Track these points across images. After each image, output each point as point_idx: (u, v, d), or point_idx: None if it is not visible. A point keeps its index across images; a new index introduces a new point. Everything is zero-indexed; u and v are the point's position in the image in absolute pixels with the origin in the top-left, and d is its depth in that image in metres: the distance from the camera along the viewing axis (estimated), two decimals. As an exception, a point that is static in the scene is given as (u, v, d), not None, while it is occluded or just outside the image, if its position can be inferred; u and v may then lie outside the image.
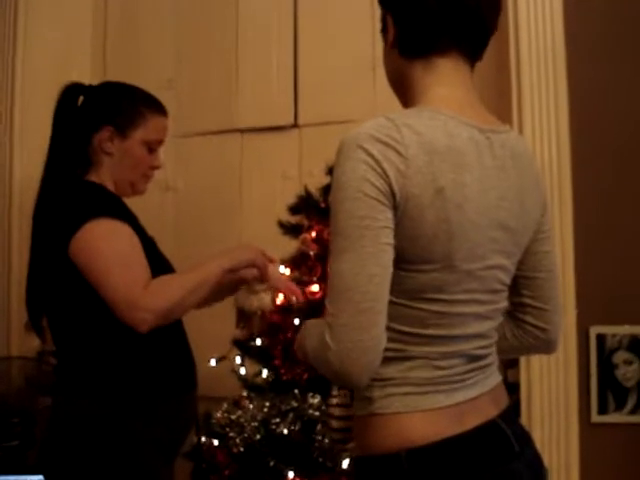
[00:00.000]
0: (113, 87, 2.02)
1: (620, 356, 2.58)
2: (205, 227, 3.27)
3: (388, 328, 1.23)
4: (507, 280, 1.37)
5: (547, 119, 2.62)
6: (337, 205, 1.21)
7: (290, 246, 2.72)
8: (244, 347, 2.56)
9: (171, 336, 1.94)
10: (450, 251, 1.23)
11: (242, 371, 2.58)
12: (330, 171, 2.59)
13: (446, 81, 1.34)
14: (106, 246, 1.78)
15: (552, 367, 2.60)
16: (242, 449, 2.35)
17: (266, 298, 1.95)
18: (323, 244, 2.50)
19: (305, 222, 2.60)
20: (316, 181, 2.72)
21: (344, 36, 3.16)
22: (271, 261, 1.98)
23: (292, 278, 2.39)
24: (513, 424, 1.36)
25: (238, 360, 2.62)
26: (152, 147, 1.99)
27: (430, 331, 1.27)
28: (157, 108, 2.00)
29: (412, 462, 1.23)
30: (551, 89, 2.63)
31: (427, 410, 1.26)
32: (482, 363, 1.35)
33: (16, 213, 3.19)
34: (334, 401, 1.98)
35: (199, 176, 3.30)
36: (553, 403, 2.58)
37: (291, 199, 2.99)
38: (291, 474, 2.23)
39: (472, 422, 1.28)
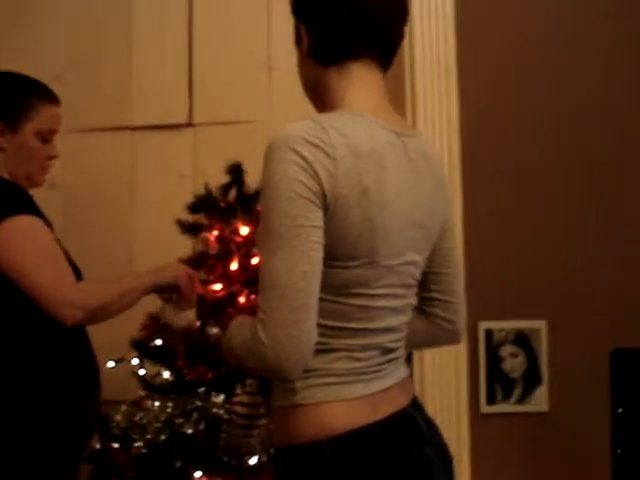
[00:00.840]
0: (0, 78, 1.97)
1: (506, 349, 2.73)
2: (93, 226, 3.20)
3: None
4: (418, 276, 1.45)
5: (439, 124, 2.74)
6: (269, 204, 1.24)
7: (186, 246, 2.71)
8: (143, 348, 2.52)
9: (75, 340, 1.93)
10: (373, 248, 1.29)
11: (141, 372, 2.54)
12: (231, 170, 2.61)
13: (361, 85, 1.40)
14: (29, 243, 1.77)
15: (444, 361, 2.71)
16: (145, 450, 2.31)
17: (190, 314, 2.11)
18: (224, 243, 2.51)
19: (205, 221, 2.59)
20: (211, 180, 2.72)
21: (240, 36, 3.18)
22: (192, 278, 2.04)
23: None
24: (421, 412, 1.44)
25: (135, 361, 2.58)
26: (46, 138, 1.96)
27: (352, 324, 1.33)
28: (48, 97, 1.97)
29: (334, 450, 1.28)
30: (443, 93, 2.75)
31: (346, 399, 1.32)
32: (394, 355, 1.42)
33: None
34: (241, 391, 2.08)
35: (88, 174, 3.23)
36: (445, 395, 2.70)
37: (186, 198, 2.97)
38: (198, 474, 2.23)
39: (385, 411, 1.34)
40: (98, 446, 2.39)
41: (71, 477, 1.94)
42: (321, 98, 1.43)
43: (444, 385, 2.69)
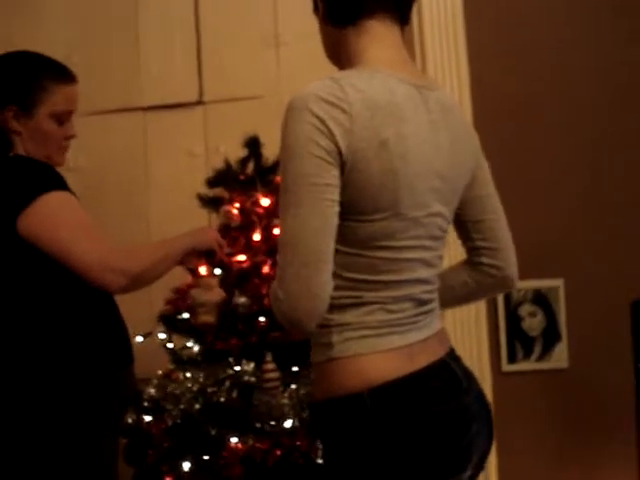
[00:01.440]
0: (12, 60, 1.94)
1: (525, 309, 2.78)
2: (110, 207, 3.21)
3: (343, 277, 1.33)
4: (445, 227, 1.46)
5: (449, 72, 2.79)
6: (285, 164, 1.29)
7: (202, 223, 2.74)
8: (171, 322, 2.56)
9: (108, 313, 1.95)
10: (397, 200, 1.32)
11: (169, 346, 2.58)
12: (248, 144, 2.64)
13: (378, 42, 1.43)
14: (66, 217, 1.80)
15: (464, 322, 2.77)
16: (179, 421, 2.35)
17: (220, 290, 2.06)
18: (246, 215, 2.54)
19: (225, 195, 2.62)
20: (223, 157, 2.75)
21: (247, 13, 3.19)
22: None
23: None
24: (459, 363, 1.47)
25: (162, 336, 2.61)
26: (61, 119, 1.93)
27: (382, 277, 1.36)
28: (63, 77, 1.93)
29: (374, 400, 1.30)
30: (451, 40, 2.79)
31: (383, 351, 1.34)
32: (428, 307, 1.44)
33: None
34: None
35: (102, 156, 3.23)
36: (467, 356, 2.71)
37: (199, 176, 3.01)
38: (234, 440, 2.27)
39: (423, 361, 1.37)
40: (131, 419, 2.42)
41: (110, 449, 1.95)
42: (342, 60, 1.46)
43: (465, 345, 2.74)
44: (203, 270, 2.22)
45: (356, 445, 1.32)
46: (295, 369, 2.44)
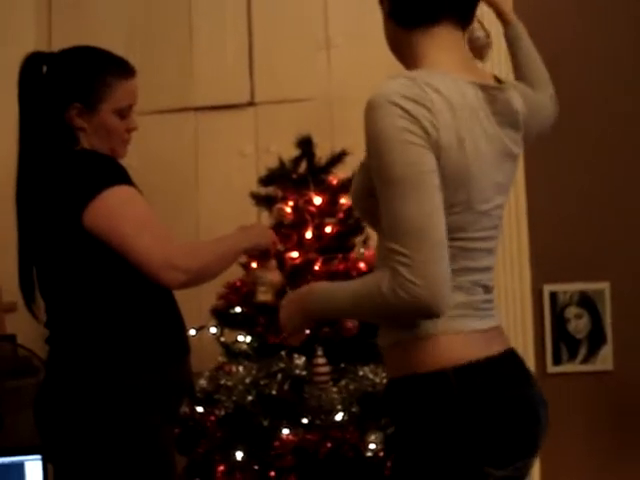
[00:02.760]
0: (75, 56, 1.97)
1: (571, 311, 2.80)
2: (161, 206, 3.26)
3: None
4: (501, 216, 1.51)
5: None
6: (386, 157, 1.30)
7: (249, 220, 2.79)
8: (223, 316, 2.61)
9: (166, 303, 1.98)
10: (469, 195, 1.38)
11: (222, 339, 2.63)
12: (301, 144, 2.69)
13: (443, 46, 1.46)
14: (129, 211, 1.81)
15: (510, 323, 2.78)
16: (231, 412, 2.41)
17: (279, 272, 2.13)
18: (299, 213, 2.60)
19: (278, 193, 2.67)
20: (273, 157, 2.81)
21: (298, 15, 3.25)
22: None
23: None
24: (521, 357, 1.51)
25: (214, 330, 2.67)
26: (123, 114, 1.97)
27: (459, 264, 1.40)
28: (124, 72, 1.97)
29: (459, 379, 1.35)
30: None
31: (465, 332, 1.39)
32: (492, 296, 1.50)
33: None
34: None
35: (154, 155, 3.29)
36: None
37: (249, 175, 3.07)
38: (285, 431, 2.32)
39: (497, 348, 1.42)
40: (184, 410, 2.47)
41: (168, 438, 1.98)
42: (405, 58, 1.50)
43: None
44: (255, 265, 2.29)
45: (438, 420, 1.36)
46: (343, 365, 2.49)
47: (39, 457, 2.60)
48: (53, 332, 1.94)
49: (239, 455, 2.34)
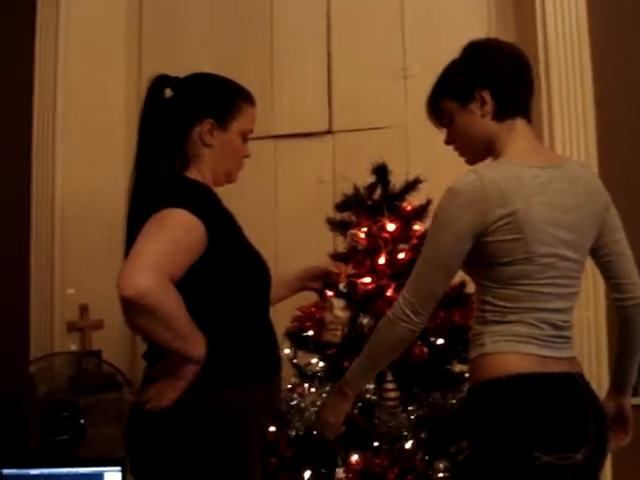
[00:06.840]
0: (206, 79, 2.06)
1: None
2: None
3: (494, 304, 1.78)
4: (578, 268, 1.83)
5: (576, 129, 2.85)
6: (431, 235, 1.81)
7: (328, 247, 2.85)
8: (296, 339, 2.67)
9: (263, 323, 2.01)
10: (527, 251, 1.74)
11: (294, 361, 2.69)
12: (376, 171, 2.74)
13: (521, 137, 1.84)
14: (164, 232, 1.77)
15: (584, 353, 2.74)
16: (302, 433, 2.45)
17: (347, 312, 2.33)
18: (372, 239, 2.64)
19: (353, 218, 2.73)
20: (349, 184, 2.86)
21: (376, 45, 3.33)
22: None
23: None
24: (586, 383, 1.80)
25: (287, 351, 2.73)
26: (245, 137, 2.06)
27: (524, 304, 1.77)
28: (249, 99, 2.07)
29: (509, 385, 1.72)
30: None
31: (521, 353, 1.75)
32: (564, 334, 1.81)
33: (58, 216, 3.28)
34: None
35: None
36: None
37: (326, 202, 3.13)
38: (354, 457, 2.35)
39: (554, 369, 1.75)
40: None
41: (255, 459, 1.95)
42: (487, 149, 1.86)
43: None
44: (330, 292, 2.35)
45: (493, 416, 1.73)
46: (415, 391, 2.51)
47: (119, 469, 2.71)
48: (150, 347, 1.96)
49: (307, 475, 2.38)
